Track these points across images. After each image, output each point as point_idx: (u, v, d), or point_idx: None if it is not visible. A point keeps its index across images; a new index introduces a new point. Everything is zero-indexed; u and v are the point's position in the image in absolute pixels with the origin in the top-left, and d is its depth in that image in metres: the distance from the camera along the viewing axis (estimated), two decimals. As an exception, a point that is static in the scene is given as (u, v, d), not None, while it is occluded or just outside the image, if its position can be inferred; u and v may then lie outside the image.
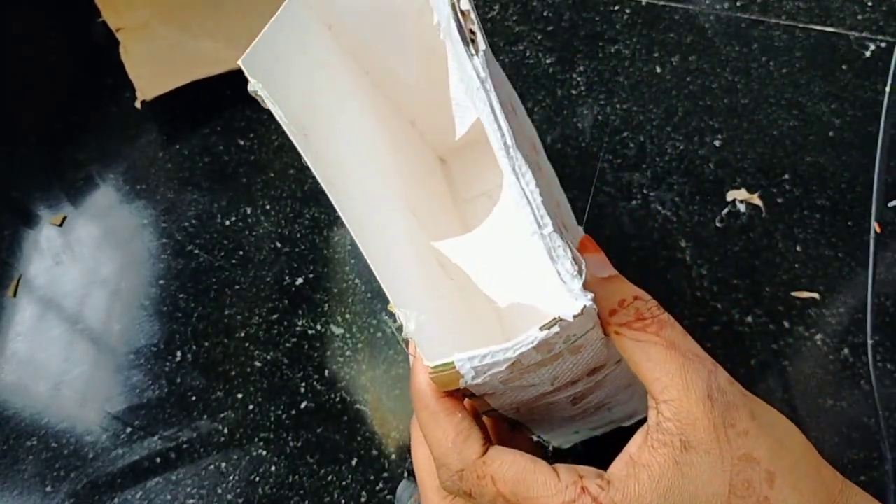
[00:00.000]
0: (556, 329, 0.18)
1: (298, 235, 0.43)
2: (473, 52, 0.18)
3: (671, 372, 0.21)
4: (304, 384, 0.39)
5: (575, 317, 0.18)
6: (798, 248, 0.41)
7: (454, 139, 0.24)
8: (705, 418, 0.20)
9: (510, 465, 0.21)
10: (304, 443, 0.37)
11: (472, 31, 0.18)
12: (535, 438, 0.29)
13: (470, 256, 0.22)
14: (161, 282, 0.42)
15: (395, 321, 0.24)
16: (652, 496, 0.20)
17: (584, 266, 0.19)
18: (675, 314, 0.27)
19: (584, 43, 0.49)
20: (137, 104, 0.45)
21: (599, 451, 0.33)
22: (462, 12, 0.18)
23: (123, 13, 0.49)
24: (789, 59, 0.48)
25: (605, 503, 0.20)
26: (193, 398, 0.39)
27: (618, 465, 0.22)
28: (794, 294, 0.40)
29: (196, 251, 0.43)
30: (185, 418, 0.38)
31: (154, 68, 0.47)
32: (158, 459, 0.37)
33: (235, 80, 0.48)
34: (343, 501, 0.36)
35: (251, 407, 0.38)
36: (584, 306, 0.18)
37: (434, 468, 0.22)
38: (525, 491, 0.20)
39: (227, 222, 0.43)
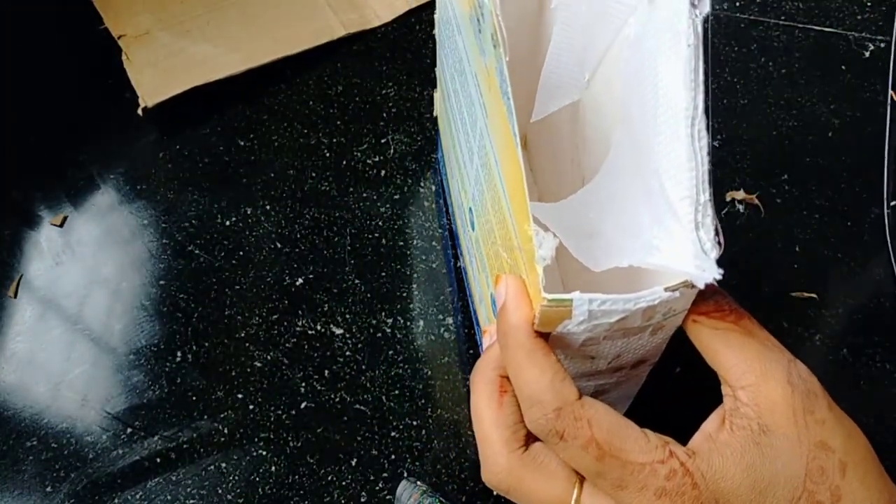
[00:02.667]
0: (676, 294, 0.18)
1: (298, 235, 0.43)
2: (697, 13, 0.19)
3: (750, 358, 0.21)
4: (304, 384, 0.39)
5: (707, 285, 0.18)
6: (798, 248, 0.41)
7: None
8: (784, 403, 0.20)
9: (605, 413, 0.21)
10: (304, 443, 0.37)
11: None
12: None
13: (564, 220, 0.23)
14: (161, 282, 0.42)
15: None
16: (735, 470, 0.20)
17: (723, 239, 0.19)
18: (674, 314, 0.27)
19: (583, 43, 0.49)
20: (139, 111, 0.45)
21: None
22: None
23: (125, 20, 0.49)
24: (788, 60, 0.48)
25: (692, 470, 0.20)
26: (193, 398, 0.39)
27: (698, 441, 0.22)
28: (794, 294, 0.40)
29: (196, 251, 0.43)
30: (185, 418, 0.38)
31: (156, 74, 0.47)
32: (158, 459, 0.37)
33: (235, 81, 0.48)
34: (343, 501, 0.36)
35: (251, 407, 0.38)
36: (714, 278, 0.18)
37: (502, 421, 0.22)
38: (619, 441, 0.20)
39: (227, 222, 0.43)
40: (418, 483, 0.35)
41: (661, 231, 0.20)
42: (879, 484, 0.22)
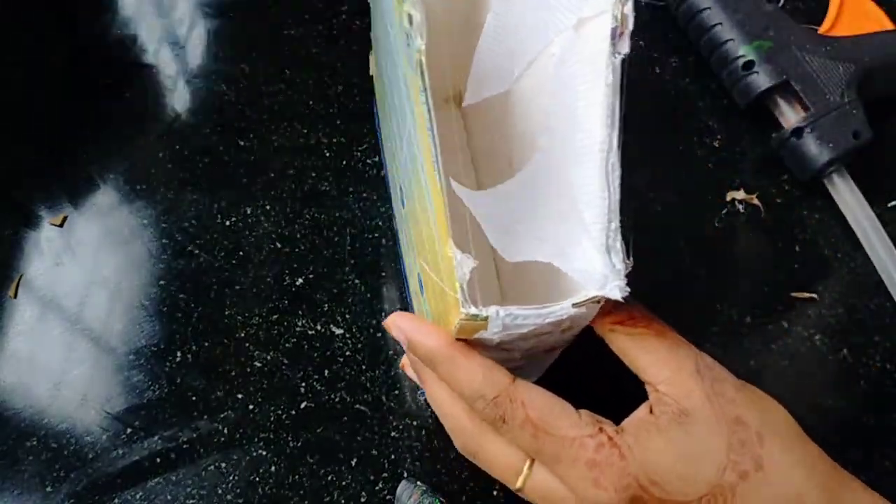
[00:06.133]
0: (583, 310, 0.20)
1: (298, 235, 0.43)
2: (618, 53, 0.20)
3: (663, 357, 0.24)
4: (304, 384, 0.39)
5: (614, 301, 0.20)
6: (798, 248, 0.41)
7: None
8: (698, 389, 0.23)
9: (538, 394, 0.23)
10: (303, 443, 0.37)
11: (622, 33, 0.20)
12: None
13: (486, 207, 0.24)
14: (161, 282, 0.42)
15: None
16: (661, 442, 0.22)
17: (631, 263, 0.21)
18: (675, 314, 0.27)
19: (583, 43, 0.49)
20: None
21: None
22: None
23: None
24: (789, 60, 0.48)
25: (620, 444, 0.22)
26: (193, 398, 0.39)
27: (627, 421, 0.24)
28: (794, 294, 0.40)
29: (196, 251, 0.43)
30: (185, 418, 0.38)
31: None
32: (158, 459, 0.37)
33: (235, 81, 0.48)
34: (343, 501, 0.36)
35: (251, 407, 0.38)
36: (623, 296, 0.20)
37: (457, 408, 0.24)
38: (552, 419, 0.22)
39: (227, 222, 0.43)
40: (418, 483, 0.35)
41: (574, 245, 0.22)
42: (799, 447, 0.24)
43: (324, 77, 0.49)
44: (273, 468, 0.37)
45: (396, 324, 0.24)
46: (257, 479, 0.37)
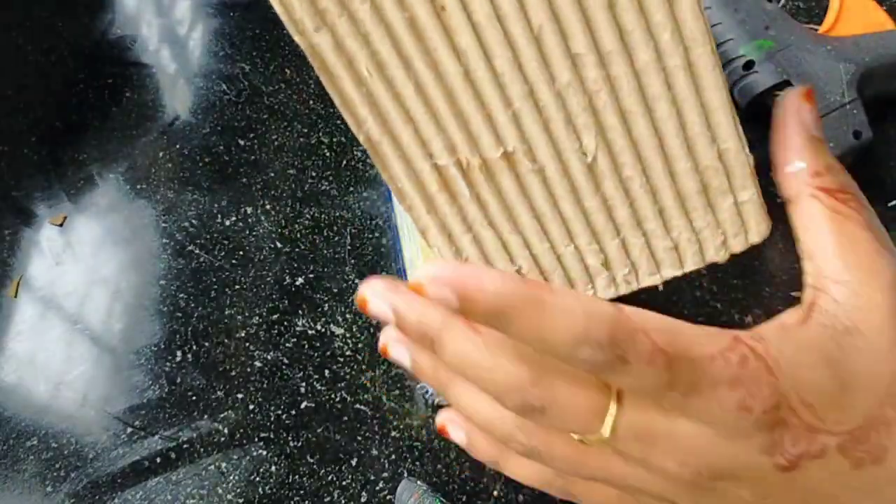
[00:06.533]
0: None
1: (298, 235, 0.43)
2: None
3: (858, 252, 0.19)
4: (304, 384, 0.39)
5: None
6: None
7: None
8: (885, 305, 0.18)
9: (652, 316, 0.17)
10: (304, 443, 0.37)
11: None
12: None
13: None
14: (161, 282, 0.42)
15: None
16: (810, 359, 0.17)
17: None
18: (675, 314, 0.27)
19: (584, 43, 0.49)
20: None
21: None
22: None
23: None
24: (789, 60, 0.48)
25: (762, 352, 0.17)
26: (193, 398, 0.39)
27: (769, 328, 0.19)
28: (794, 294, 0.40)
29: (196, 251, 0.43)
30: (185, 418, 0.38)
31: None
32: (158, 459, 0.37)
33: (235, 81, 0.48)
34: (343, 501, 0.36)
35: (251, 407, 0.38)
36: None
37: (500, 339, 0.15)
38: (682, 340, 0.17)
39: (227, 222, 0.43)
40: (418, 483, 0.35)
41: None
42: None
43: (324, 77, 0.49)
44: (273, 468, 0.37)
45: (440, 270, 0.16)
46: (257, 478, 0.37)
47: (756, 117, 0.43)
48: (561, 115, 0.19)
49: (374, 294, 0.14)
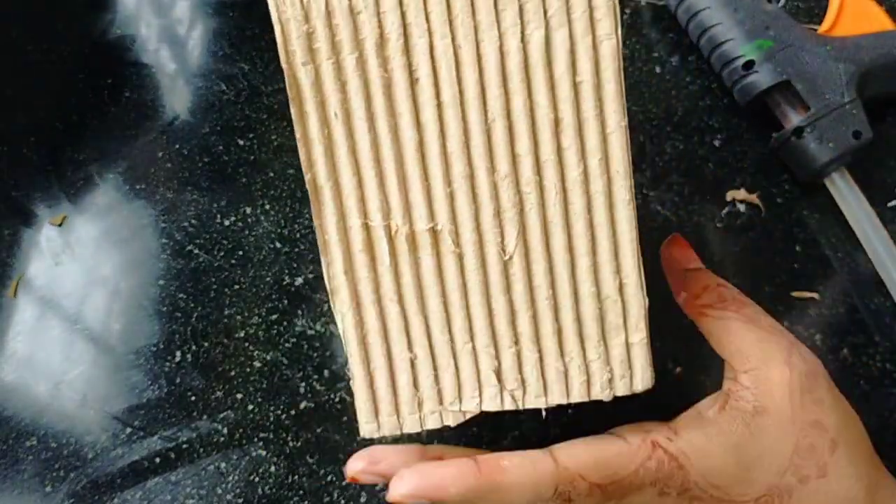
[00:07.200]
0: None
1: (298, 235, 0.43)
2: None
3: (751, 344, 0.22)
4: (304, 384, 0.39)
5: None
6: (798, 248, 0.41)
7: None
8: (782, 383, 0.21)
9: (580, 450, 0.22)
10: (303, 443, 0.37)
11: None
12: None
13: None
14: (161, 282, 0.42)
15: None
16: (718, 450, 0.21)
17: None
18: (675, 314, 0.27)
19: (583, 43, 0.49)
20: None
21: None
22: None
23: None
24: (789, 59, 0.48)
25: (676, 454, 0.21)
26: (193, 398, 0.39)
27: (685, 419, 0.23)
28: (794, 294, 0.40)
29: (196, 251, 0.43)
30: (184, 418, 0.38)
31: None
32: (158, 459, 0.37)
33: (235, 81, 0.48)
34: (343, 501, 0.36)
35: (251, 407, 0.38)
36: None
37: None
38: (608, 469, 0.21)
39: (227, 222, 0.43)
40: (418, 483, 0.35)
41: None
42: (867, 466, 0.23)
43: (324, 77, 0.49)
44: (273, 468, 0.37)
45: (410, 487, 0.21)
46: (257, 479, 0.37)
47: (756, 117, 0.43)
48: (492, 206, 0.21)
49: (408, 488, 0.22)
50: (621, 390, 0.22)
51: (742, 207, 0.43)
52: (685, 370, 0.37)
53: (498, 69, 0.19)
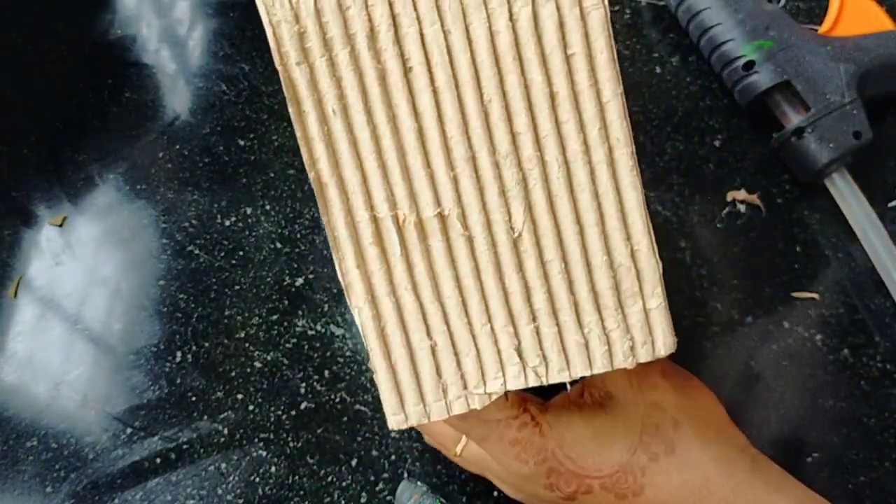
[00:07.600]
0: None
1: (298, 235, 0.43)
2: None
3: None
4: (304, 384, 0.39)
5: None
6: (798, 248, 0.41)
7: None
8: (623, 373, 0.25)
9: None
10: (304, 443, 0.37)
11: None
12: None
13: None
14: (161, 282, 0.42)
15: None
16: (580, 424, 0.24)
17: None
18: (675, 314, 0.27)
19: (583, 43, 0.49)
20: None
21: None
22: None
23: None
24: (789, 60, 0.48)
25: (542, 422, 0.24)
26: (193, 399, 0.39)
27: (556, 399, 0.27)
28: (794, 294, 0.40)
29: (196, 251, 0.43)
30: (185, 419, 0.38)
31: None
32: (158, 460, 0.37)
33: (235, 81, 0.48)
34: (343, 502, 0.36)
35: (251, 407, 0.38)
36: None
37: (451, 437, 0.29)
38: (484, 410, 0.24)
39: (227, 222, 0.43)
40: (419, 483, 0.35)
41: None
42: (714, 434, 0.25)
43: (324, 77, 0.49)
44: (273, 468, 0.37)
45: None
46: (257, 479, 0.37)
47: (756, 117, 0.43)
48: (496, 186, 0.21)
49: None
50: (644, 357, 0.21)
51: (742, 208, 0.43)
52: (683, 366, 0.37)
53: (489, 50, 0.19)
